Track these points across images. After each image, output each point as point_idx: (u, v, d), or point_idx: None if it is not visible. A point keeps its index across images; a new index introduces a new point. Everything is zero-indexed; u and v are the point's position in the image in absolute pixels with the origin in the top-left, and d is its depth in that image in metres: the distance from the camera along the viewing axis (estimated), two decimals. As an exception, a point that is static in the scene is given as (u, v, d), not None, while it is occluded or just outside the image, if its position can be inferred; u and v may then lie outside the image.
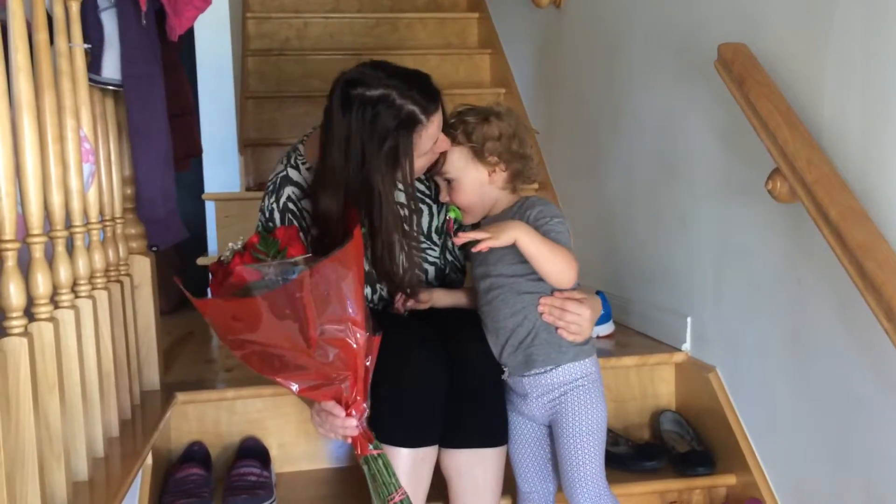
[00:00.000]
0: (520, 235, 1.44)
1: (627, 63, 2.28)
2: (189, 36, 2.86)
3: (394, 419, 1.50)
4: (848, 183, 1.40)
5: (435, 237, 1.76)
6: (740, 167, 1.76)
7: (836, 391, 1.51)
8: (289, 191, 1.66)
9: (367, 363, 1.41)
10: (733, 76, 1.61)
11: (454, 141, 1.57)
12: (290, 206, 1.65)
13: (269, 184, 1.68)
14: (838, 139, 1.46)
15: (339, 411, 1.41)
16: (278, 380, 1.40)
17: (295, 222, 1.64)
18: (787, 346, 1.64)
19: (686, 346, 2.01)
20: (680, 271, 2.04)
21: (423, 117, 1.50)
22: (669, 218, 2.07)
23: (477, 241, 1.43)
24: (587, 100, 2.55)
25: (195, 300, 1.36)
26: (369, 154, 1.49)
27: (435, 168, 1.61)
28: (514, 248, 1.47)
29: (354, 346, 1.38)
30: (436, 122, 1.53)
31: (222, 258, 1.46)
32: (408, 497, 1.45)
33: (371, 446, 1.44)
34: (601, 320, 2.17)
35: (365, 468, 1.46)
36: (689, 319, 1.99)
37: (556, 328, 1.50)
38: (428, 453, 1.53)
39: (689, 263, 2.00)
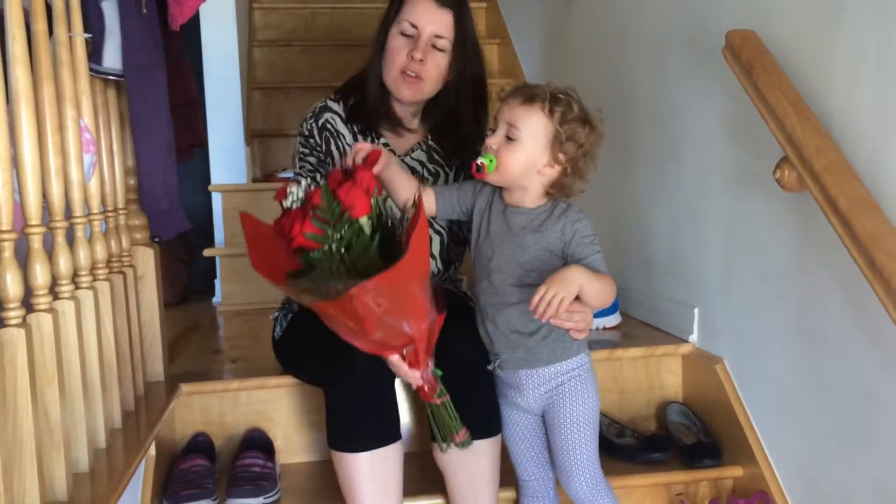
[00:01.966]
0: (583, 283, 1.38)
1: (636, 52, 2.26)
2: (195, 26, 2.86)
3: (343, 425, 1.46)
4: (858, 172, 1.38)
5: None
6: (749, 156, 1.74)
7: (844, 383, 1.49)
8: (328, 115, 1.73)
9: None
10: (741, 63, 1.59)
11: (550, 112, 1.42)
12: (329, 126, 1.72)
13: (307, 112, 1.75)
14: (848, 127, 1.43)
15: (403, 365, 1.44)
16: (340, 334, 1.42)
17: (331, 141, 1.71)
18: (795, 338, 1.62)
19: (693, 338, 1.99)
20: (687, 262, 2.02)
21: None
22: (677, 208, 2.05)
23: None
24: (595, 89, 2.52)
25: (255, 262, 1.41)
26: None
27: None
28: (523, 251, 1.46)
29: (414, 334, 1.39)
30: (426, 4, 1.64)
31: (284, 203, 1.39)
32: (469, 436, 1.50)
33: (435, 395, 1.46)
34: (608, 311, 2.15)
35: (429, 410, 1.50)
36: (696, 310, 1.98)
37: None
38: (389, 452, 1.48)
39: (696, 254, 1.98)
